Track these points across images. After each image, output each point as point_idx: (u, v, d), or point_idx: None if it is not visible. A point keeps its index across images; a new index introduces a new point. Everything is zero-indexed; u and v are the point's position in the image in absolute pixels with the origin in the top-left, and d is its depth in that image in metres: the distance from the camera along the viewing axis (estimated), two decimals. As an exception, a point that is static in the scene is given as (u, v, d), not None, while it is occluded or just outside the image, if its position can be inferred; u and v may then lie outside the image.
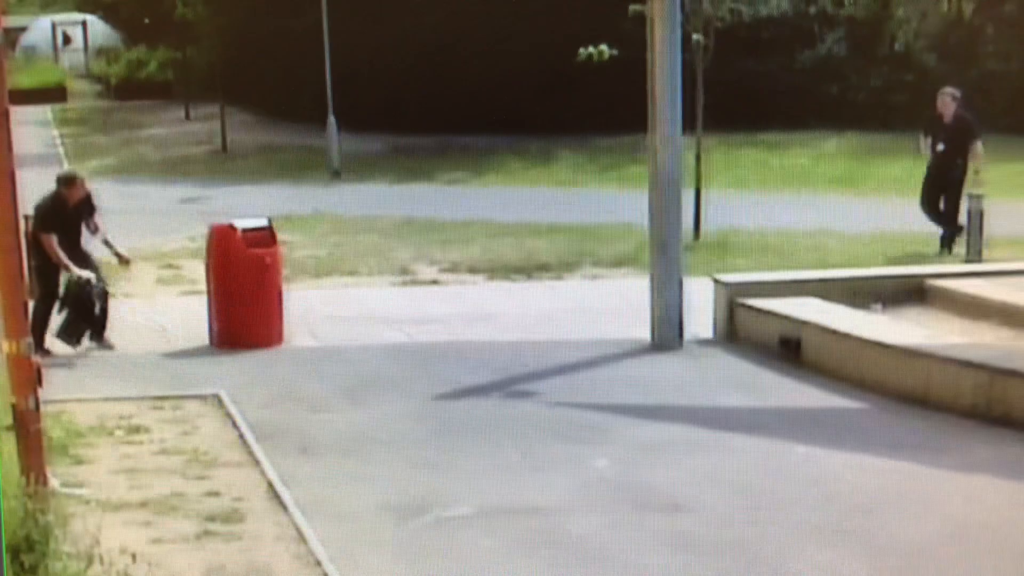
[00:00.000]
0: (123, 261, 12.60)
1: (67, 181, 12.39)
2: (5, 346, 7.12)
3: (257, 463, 8.74)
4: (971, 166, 16.94)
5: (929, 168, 17.19)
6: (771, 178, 21.21)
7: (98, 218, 12.34)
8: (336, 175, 27.33)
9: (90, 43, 53.81)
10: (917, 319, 12.04)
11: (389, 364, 11.74)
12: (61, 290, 11.99)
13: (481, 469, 8.81)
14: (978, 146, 16.97)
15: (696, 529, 7.69)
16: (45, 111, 40.14)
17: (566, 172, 26.39)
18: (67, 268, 11.87)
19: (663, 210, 12.23)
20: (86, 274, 11.90)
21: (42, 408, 7.28)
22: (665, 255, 12.23)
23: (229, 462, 8.83)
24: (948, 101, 17.16)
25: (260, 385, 10.92)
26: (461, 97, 30.02)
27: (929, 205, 17.13)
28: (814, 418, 10.11)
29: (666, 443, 9.40)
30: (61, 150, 32.84)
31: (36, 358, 7.31)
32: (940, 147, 17.00)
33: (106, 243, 12.42)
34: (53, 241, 11.88)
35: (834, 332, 11.17)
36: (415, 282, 15.72)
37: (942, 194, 17.03)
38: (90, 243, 12.41)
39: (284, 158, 29.78)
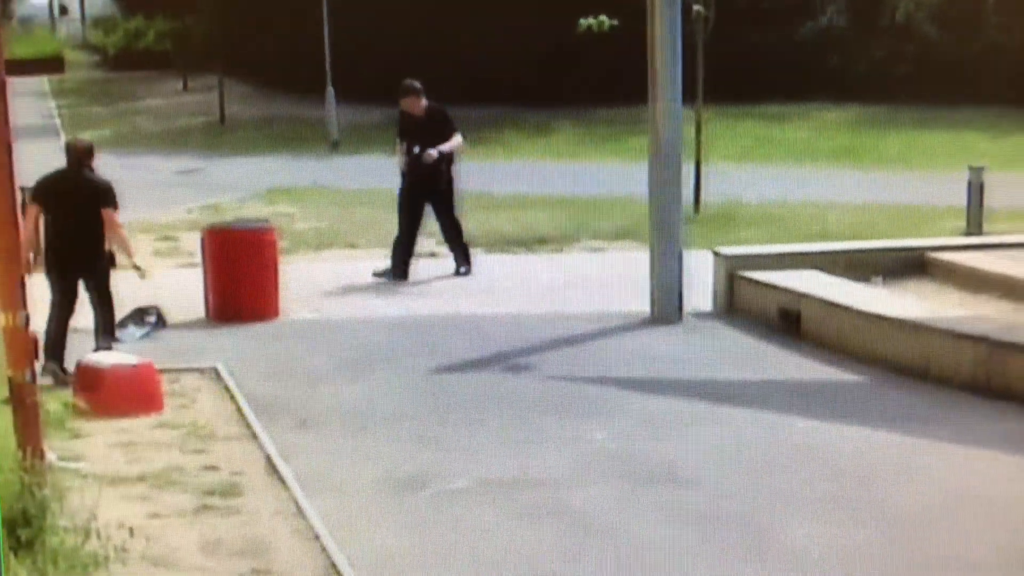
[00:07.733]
0: (139, 272, 10.74)
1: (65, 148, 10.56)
2: (1, 318, 7.07)
3: (255, 436, 8.72)
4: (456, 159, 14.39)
5: (406, 177, 14.35)
6: (772, 150, 21.15)
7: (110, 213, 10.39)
8: (335, 146, 27.27)
9: (87, 13, 53.69)
10: (917, 292, 12.03)
11: (388, 337, 11.72)
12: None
13: (481, 442, 8.80)
14: (458, 139, 14.39)
15: (696, 501, 7.68)
16: (42, 82, 40.02)
17: (565, 144, 26.30)
18: (35, 249, 10.18)
19: (663, 183, 12.19)
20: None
21: (39, 381, 7.25)
22: (665, 228, 12.19)
23: (227, 435, 8.81)
24: (413, 95, 14.61)
25: (258, 358, 10.89)
26: (459, 68, 29.89)
27: (407, 226, 14.23)
28: (814, 391, 10.10)
29: (666, 416, 9.40)
30: (58, 121, 32.79)
31: (33, 331, 7.27)
32: (416, 150, 14.19)
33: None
34: (32, 211, 10.25)
35: (834, 305, 11.15)
36: (413, 254, 15.63)
37: (426, 208, 14.31)
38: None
39: (282, 130, 29.71)
